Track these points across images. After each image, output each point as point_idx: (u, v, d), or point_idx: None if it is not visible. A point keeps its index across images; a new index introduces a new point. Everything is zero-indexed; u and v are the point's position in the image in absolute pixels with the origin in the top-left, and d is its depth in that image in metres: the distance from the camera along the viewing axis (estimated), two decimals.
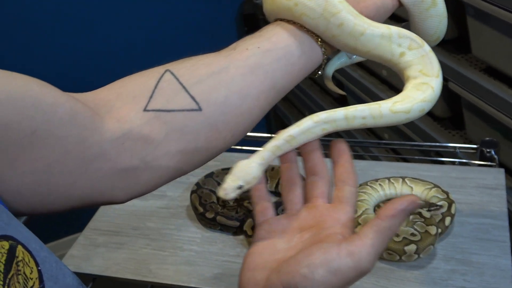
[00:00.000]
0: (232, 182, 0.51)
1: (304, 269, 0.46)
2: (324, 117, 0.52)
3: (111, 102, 0.54)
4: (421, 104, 0.53)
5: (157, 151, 0.54)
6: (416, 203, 0.47)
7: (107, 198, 0.54)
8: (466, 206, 0.97)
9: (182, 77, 0.55)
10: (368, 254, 0.46)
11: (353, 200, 0.52)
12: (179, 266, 0.93)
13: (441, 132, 1.45)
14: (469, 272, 0.85)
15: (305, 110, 2.17)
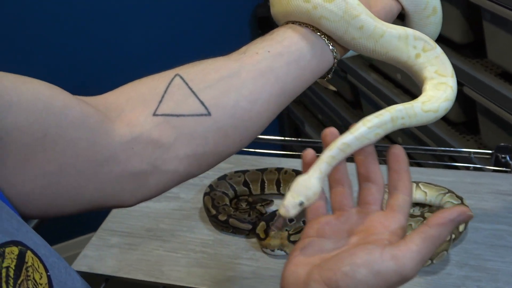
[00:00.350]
0: (292, 199, 0.48)
1: (346, 267, 0.46)
2: (377, 122, 0.51)
3: (121, 106, 0.54)
4: (446, 103, 0.54)
5: (166, 155, 0.54)
6: (466, 215, 0.47)
7: (116, 201, 0.55)
8: (480, 212, 0.96)
9: (191, 81, 0.55)
10: (412, 259, 0.45)
11: (406, 209, 0.51)
12: (192, 268, 0.93)
13: (455, 137, 1.44)
14: (483, 278, 0.84)
15: (317, 113, 2.16)
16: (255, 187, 1.07)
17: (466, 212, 0.47)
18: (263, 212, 1.00)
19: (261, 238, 0.93)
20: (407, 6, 0.62)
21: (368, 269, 0.45)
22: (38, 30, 1.87)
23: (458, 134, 1.45)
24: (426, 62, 0.57)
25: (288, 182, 1.05)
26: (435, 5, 0.63)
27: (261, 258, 0.93)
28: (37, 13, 1.85)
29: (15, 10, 1.81)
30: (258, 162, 1.17)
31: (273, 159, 1.19)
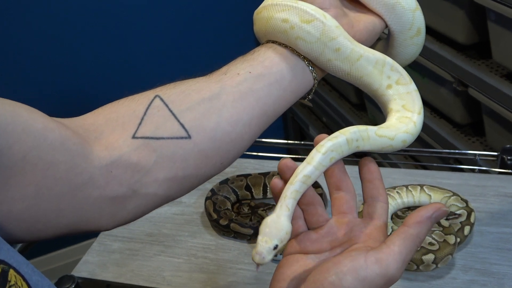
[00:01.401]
0: (266, 244, 0.46)
1: (332, 277, 0.45)
2: (330, 146, 0.50)
3: (100, 128, 0.53)
4: (404, 135, 0.54)
5: (145, 179, 0.53)
6: (442, 211, 0.47)
7: (94, 225, 0.54)
8: (486, 215, 0.95)
9: (172, 103, 0.54)
10: (395, 261, 0.45)
11: (384, 216, 0.51)
12: (193, 273, 0.92)
13: (460, 139, 1.42)
14: (489, 283, 0.83)
15: (322, 116, 2.15)
16: (257, 191, 1.06)
17: (441, 208, 0.47)
18: (264, 216, 0.98)
19: None
20: (391, 25, 0.62)
21: (354, 276, 0.45)
22: (42, 34, 1.87)
23: (464, 136, 1.43)
24: (396, 95, 0.57)
25: None
26: (420, 26, 0.63)
27: None
28: (40, 15, 1.84)
29: (17, 11, 1.81)
30: (261, 166, 1.16)
31: (276, 163, 1.18)
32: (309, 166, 0.49)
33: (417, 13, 0.61)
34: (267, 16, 0.58)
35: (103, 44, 1.96)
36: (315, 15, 0.55)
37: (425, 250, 0.83)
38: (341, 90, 2.00)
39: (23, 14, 1.80)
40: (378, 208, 0.51)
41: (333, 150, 0.50)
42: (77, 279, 0.93)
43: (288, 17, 0.56)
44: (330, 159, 0.50)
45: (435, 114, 1.53)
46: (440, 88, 1.45)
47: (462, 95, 1.38)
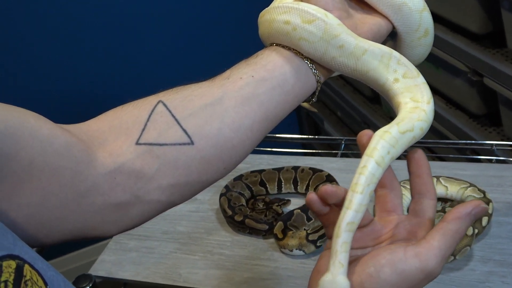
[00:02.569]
0: None
1: (371, 268, 0.46)
2: (364, 181, 0.47)
3: (104, 135, 0.53)
4: (419, 122, 0.52)
5: (148, 186, 0.53)
6: (481, 207, 0.48)
7: (98, 232, 0.54)
8: (504, 206, 0.94)
9: (175, 109, 0.54)
10: (435, 256, 0.45)
11: (430, 213, 0.51)
12: (209, 270, 0.92)
13: (477, 129, 1.40)
14: (508, 274, 0.81)
15: (337, 110, 2.14)
16: (271, 186, 1.05)
17: (480, 205, 0.48)
18: (279, 212, 0.98)
19: (279, 238, 0.92)
20: (398, 27, 0.61)
21: (392, 269, 0.45)
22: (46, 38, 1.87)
23: (480, 127, 1.41)
24: (403, 88, 0.55)
25: (305, 181, 1.03)
26: (428, 27, 0.62)
27: (279, 258, 0.92)
28: (45, 17, 1.85)
29: (20, 14, 1.81)
30: (274, 161, 1.16)
31: (289, 158, 1.18)
32: (350, 211, 0.46)
33: (424, 13, 0.60)
34: (269, 19, 0.58)
35: (106, 46, 1.96)
36: (316, 15, 0.55)
37: None
38: (355, 84, 1.98)
39: (27, 17, 1.81)
40: (424, 205, 0.51)
41: (369, 183, 0.47)
42: (94, 278, 0.93)
43: (290, 19, 0.56)
44: (369, 193, 0.47)
45: (450, 105, 1.51)
46: (455, 79, 1.43)
47: (478, 85, 1.36)
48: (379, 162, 0.48)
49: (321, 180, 1.01)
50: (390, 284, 0.45)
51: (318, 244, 0.90)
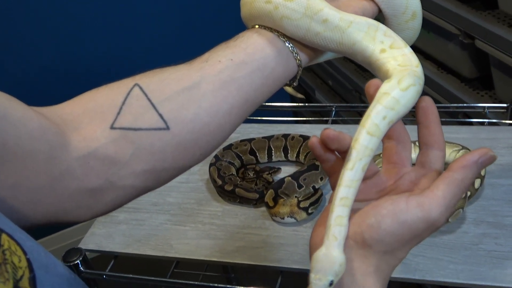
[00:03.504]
0: (320, 282, 0.43)
1: (371, 219, 0.44)
2: (355, 156, 0.45)
3: (78, 118, 0.52)
4: (416, 78, 0.49)
5: (122, 171, 0.51)
6: (489, 156, 0.45)
7: (70, 217, 0.52)
8: (496, 168, 0.93)
9: (151, 93, 0.52)
10: (438, 205, 0.44)
11: (438, 165, 0.48)
12: (201, 240, 0.91)
13: (469, 93, 1.39)
14: (501, 235, 0.81)
15: (328, 79, 2.12)
16: (262, 155, 1.04)
17: (488, 153, 0.45)
18: (270, 180, 0.97)
19: (270, 206, 0.91)
20: (384, 9, 0.59)
21: (394, 219, 0.44)
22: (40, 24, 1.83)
23: (472, 91, 1.40)
24: (390, 57, 0.53)
25: (295, 148, 1.02)
26: (415, 9, 0.59)
27: (270, 226, 0.91)
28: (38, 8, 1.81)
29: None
30: (265, 130, 1.14)
31: (280, 126, 1.16)
32: (341, 187, 0.45)
33: None
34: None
35: (100, 36, 1.93)
36: None
37: None
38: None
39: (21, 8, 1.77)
40: (431, 157, 0.49)
41: (361, 158, 0.45)
42: (84, 252, 0.92)
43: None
44: (362, 167, 0.46)
45: (442, 69, 1.49)
46: (446, 42, 1.41)
47: (469, 48, 1.34)
48: (372, 132, 0.45)
49: None
50: (392, 234, 0.44)
51: (310, 211, 0.89)
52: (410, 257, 0.80)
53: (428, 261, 0.79)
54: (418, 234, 0.44)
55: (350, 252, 0.45)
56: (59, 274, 0.44)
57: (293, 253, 0.85)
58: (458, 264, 0.78)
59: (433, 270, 0.78)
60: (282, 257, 0.85)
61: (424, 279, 0.78)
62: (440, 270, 0.78)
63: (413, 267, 0.79)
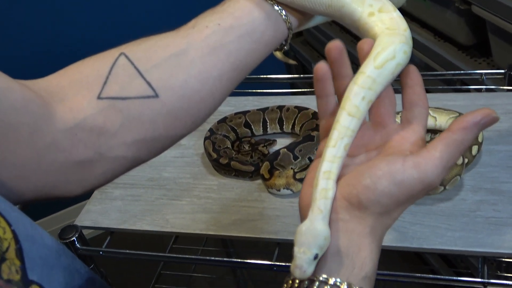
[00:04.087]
0: (305, 255, 0.42)
1: (367, 180, 0.44)
2: (336, 135, 0.46)
3: (64, 90, 0.51)
4: (401, 45, 0.48)
5: (112, 142, 0.50)
6: (491, 117, 0.44)
7: (61, 191, 0.51)
8: (494, 134, 0.92)
9: (138, 61, 0.51)
10: (435, 166, 0.43)
11: (423, 121, 0.48)
12: (197, 214, 0.91)
13: (466, 61, 1.37)
14: (499, 201, 0.80)
15: (324, 51, 2.10)
16: (257, 127, 1.03)
17: (491, 114, 0.44)
18: (265, 152, 0.96)
19: (266, 178, 0.90)
20: None
21: (390, 180, 0.43)
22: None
23: (469, 58, 1.38)
24: (378, 21, 0.52)
25: (290, 120, 1.00)
26: None
27: (266, 199, 0.90)
28: None
29: None
30: (260, 103, 1.13)
31: (275, 98, 1.15)
32: (324, 162, 0.45)
33: None
34: None
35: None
36: None
37: None
38: (342, 24, 1.94)
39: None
40: (416, 113, 0.48)
41: (343, 137, 0.46)
42: (80, 229, 0.92)
43: None
44: (345, 146, 0.46)
45: (438, 37, 1.47)
46: (442, 9, 1.39)
47: (466, 15, 1.32)
48: (353, 113, 0.46)
49: (307, 118, 0.98)
50: (388, 195, 0.43)
51: None
52: (408, 225, 0.79)
53: (426, 229, 0.79)
54: (413, 194, 0.44)
55: (346, 213, 0.45)
56: (46, 245, 0.43)
57: (290, 225, 0.85)
58: (456, 232, 0.77)
59: (431, 238, 0.77)
60: (279, 229, 0.85)
61: (422, 247, 0.77)
62: (437, 238, 0.77)
63: (410, 235, 0.78)
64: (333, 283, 0.43)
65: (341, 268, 0.43)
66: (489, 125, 0.45)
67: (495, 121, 0.45)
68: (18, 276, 0.39)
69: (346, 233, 0.44)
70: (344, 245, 0.44)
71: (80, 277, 0.45)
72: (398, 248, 0.78)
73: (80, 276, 0.46)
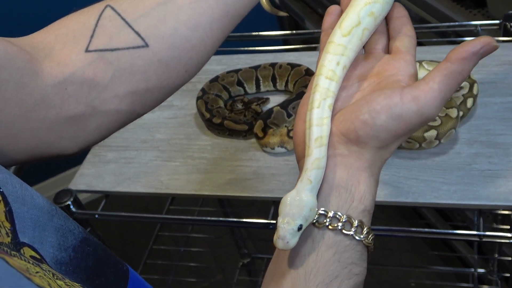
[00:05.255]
0: (288, 226, 0.40)
1: (365, 115, 0.43)
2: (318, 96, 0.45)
3: (50, 45, 0.49)
4: (368, 6, 0.47)
5: (104, 95, 0.49)
6: (491, 46, 0.43)
7: (55, 150, 0.50)
8: (489, 86, 0.91)
9: (124, 12, 0.50)
10: (434, 99, 0.42)
11: (413, 50, 0.47)
12: (191, 175, 0.90)
13: (461, 12, 1.35)
14: (495, 154, 0.80)
15: (317, 7, 2.06)
16: (250, 85, 1.01)
17: (491, 43, 0.42)
18: (258, 111, 0.95)
19: (260, 137, 0.89)
20: None
21: (388, 114, 0.43)
22: None
23: (464, 9, 1.36)
24: None
25: (284, 77, 0.99)
26: None
27: (261, 157, 0.90)
28: None
29: None
30: (252, 61, 1.11)
31: (267, 56, 1.13)
32: (313, 127, 0.44)
33: None
34: None
35: None
36: None
37: (427, 126, 0.80)
38: None
39: None
40: (406, 42, 0.47)
41: (325, 97, 0.45)
42: (75, 193, 0.91)
43: None
44: (328, 106, 0.45)
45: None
46: None
47: None
48: (331, 76, 0.46)
49: (300, 75, 0.97)
50: (386, 130, 0.43)
51: None
52: (403, 180, 0.79)
53: (421, 183, 0.78)
54: (411, 128, 0.43)
55: (344, 148, 0.44)
56: (38, 206, 0.42)
57: (285, 183, 0.84)
58: (451, 185, 0.77)
59: (426, 192, 0.77)
60: (274, 187, 0.84)
61: (417, 201, 0.77)
62: (433, 192, 0.77)
63: (406, 190, 0.78)
64: (332, 215, 0.42)
65: (340, 201, 0.43)
66: (489, 54, 0.43)
67: (494, 49, 0.43)
68: (8, 239, 0.38)
69: (345, 167, 0.44)
70: (343, 179, 0.43)
71: (74, 237, 0.45)
72: (393, 203, 0.78)
73: (74, 237, 0.45)
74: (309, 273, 0.41)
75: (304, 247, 0.42)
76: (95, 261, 0.46)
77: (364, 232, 0.43)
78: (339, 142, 0.44)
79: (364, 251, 0.44)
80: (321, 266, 0.41)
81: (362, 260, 0.43)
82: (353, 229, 0.42)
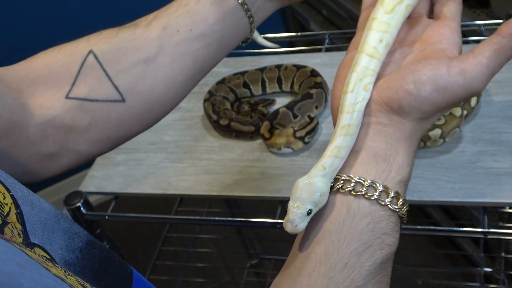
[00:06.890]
0: (298, 209, 0.41)
1: (410, 85, 0.42)
2: (355, 77, 0.44)
3: (34, 84, 0.53)
4: None
5: (79, 138, 0.54)
6: None
7: (26, 178, 0.53)
8: (493, 85, 0.91)
9: (107, 63, 0.53)
10: (481, 74, 0.41)
11: (458, 17, 0.46)
12: (199, 176, 0.91)
13: (464, 12, 1.36)
14: (499, 152, 0.80)
15: (322, 9, 2.07)
16: (255, 87, 1.03)
17: None
18: (265, 112, 0.96)
19: (266, 138, 0.90)
20: None
21: (434, 86, 0.41)
22: None
23: (468, 9, 1.37)
24: None
25: (289, 78, 1.00)
26: None
27: (268, 158, 0.91)
28: None
29: None
30: (258, 63, 1.12)
31: (273, 57, 1.14)
32: (343, 114, 0.43)
33: None
34: None
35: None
36: None
37: (432, 125, 0.80)
38: None
39: None
40: (452, 7, 0.46)
41: (361, 78, 0.44)
42: (85, 194, 0.93)
43: None
44: (364, 87, 0.44)
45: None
46: None
47: None
48: (372, 53, 0.44)
49: (305, 76, 0.98)
50: (430, 102, 0.42)
51: (306, 140, 0.89)
52: None
53: (426, 181, 0.79)
54: (455, 101, 0.42)
55: (385, 117, 0.43)
56: (44, 210, 0.44)
57: (292, 183, 0.84)
58: (456, 183, 0.78)
59: (431, 190, 0.78)
60: (281, 187, 0.85)
61: (423, 199, 0.78)
62: (438, 190, 0.78)
63: (411, 188, 0.79)
64: (369, 184, 0.42)
65: (378, 171, 0.42)
66: None
67: None
68: (20, 239, 0.39)
69: (385, 137, 0.43)
70: (382, 149, 0.43)
71: (80, 240, 0.47)
72: None
73: (80, 239, 0.47)
74: (342, 240, 0.41)
75: (339, 214, 0.42)
76: (100, 263, 0.48)
77: (399, 203, 0.42)
78: (380, 111, 0.44)
79: (398, 222, 0.43)
80: (355, 234, 0.41)
81: (395, 230, 0.43)
82: (388, 200, 0.42)
